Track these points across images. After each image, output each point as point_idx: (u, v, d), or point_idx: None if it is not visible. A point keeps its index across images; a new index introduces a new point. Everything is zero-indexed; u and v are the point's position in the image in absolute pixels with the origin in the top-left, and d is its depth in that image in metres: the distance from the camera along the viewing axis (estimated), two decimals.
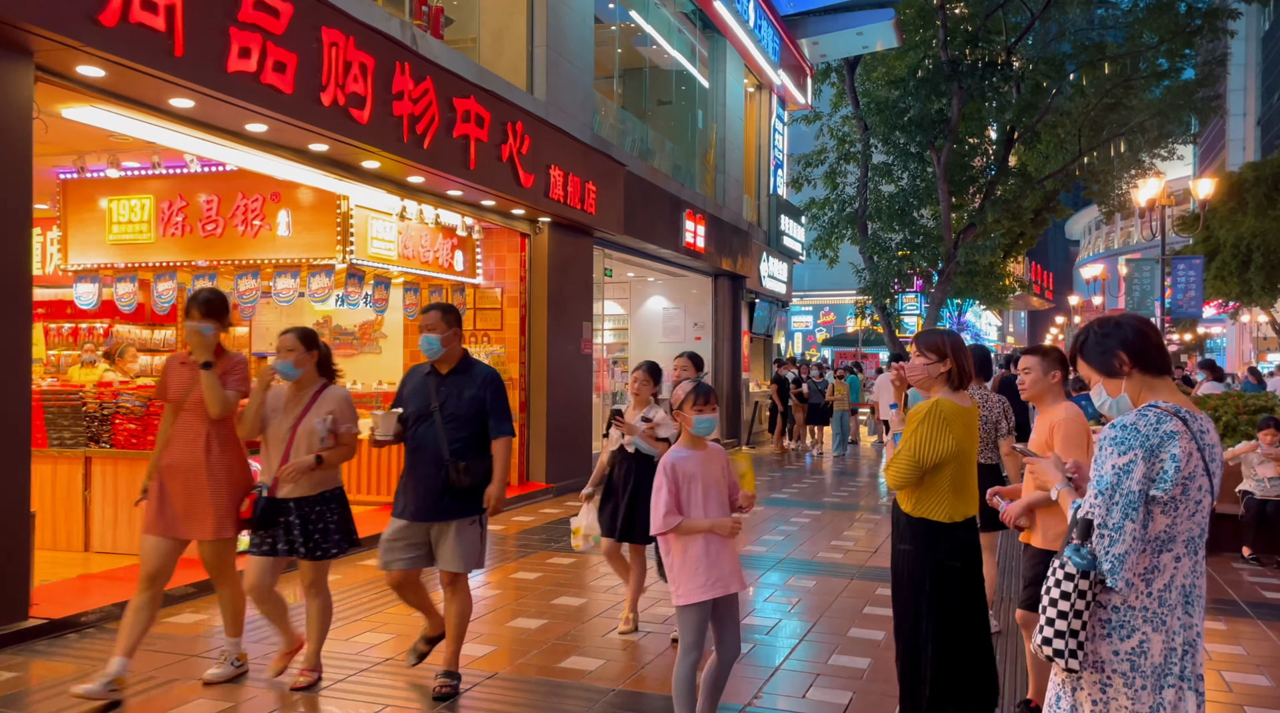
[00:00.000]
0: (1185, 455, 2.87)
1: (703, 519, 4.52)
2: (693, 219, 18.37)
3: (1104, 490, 2.89)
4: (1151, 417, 2.92)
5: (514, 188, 11.67)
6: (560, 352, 13.91)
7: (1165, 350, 3.14)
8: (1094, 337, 3.16)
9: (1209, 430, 3.03)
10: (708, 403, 4.65)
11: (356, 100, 8.70)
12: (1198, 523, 2.98)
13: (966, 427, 4.46)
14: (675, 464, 4.56)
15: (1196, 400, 11.66)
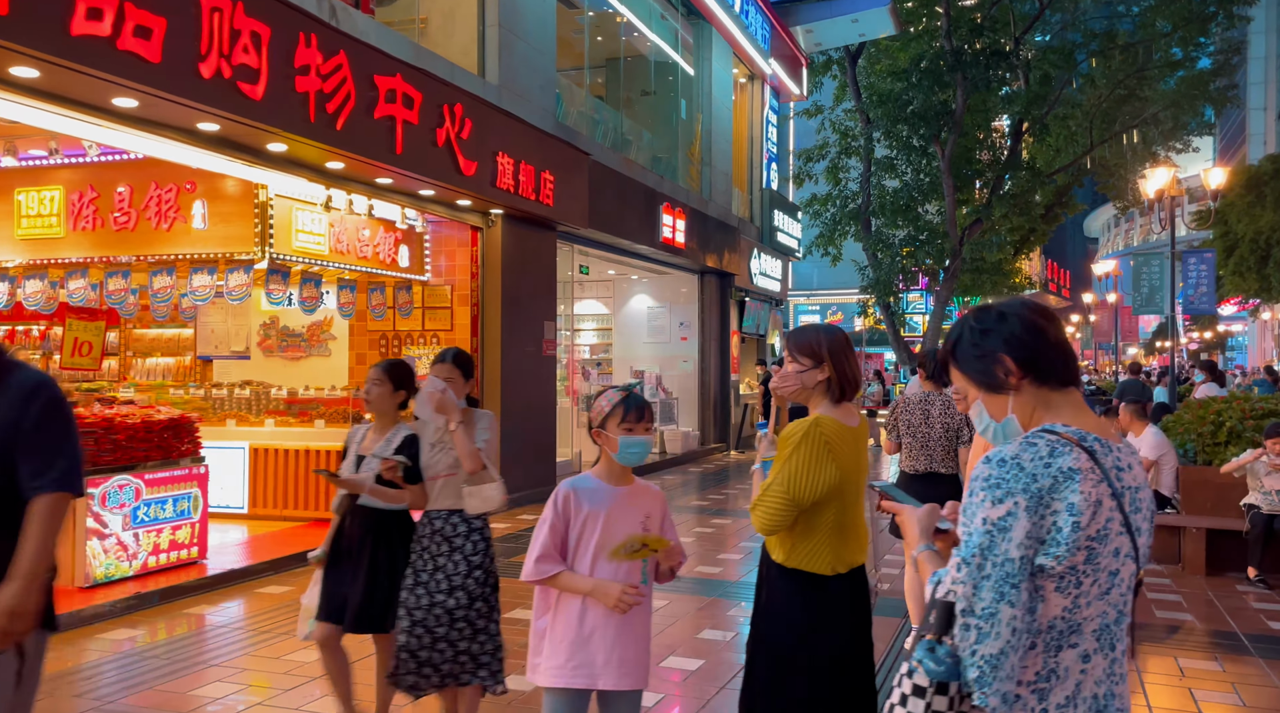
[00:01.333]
0: (1090, 504, 1.94)
1: (585, 578, 3.42)
2: (671, 213, 17.40)
3: (970, 558, 1.95)
4: (1041, 447, 1.99)
5: (453, 176, 10.75)
6: (517, 353, 12.97)
7: (1069, 351, 2.19)
8: (969, 335, 2.22)
9: (1130, 467, 2.08)
10: (640, 420, 3.48)
11: (247, 74, 7.78)
12: (1115, 604, 2.03)
13: (855, 452, 3.42)
14: (573, 494, 3.48)
15: (1199, 404, 10.64)
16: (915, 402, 6.92)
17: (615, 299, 21.46)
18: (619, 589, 3.35)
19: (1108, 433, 2.10)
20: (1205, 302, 19.65)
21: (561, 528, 3.45)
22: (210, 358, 14.23)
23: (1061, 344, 2.16)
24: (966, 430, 6.79)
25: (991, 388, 2.17)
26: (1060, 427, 2.05)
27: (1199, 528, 9.19)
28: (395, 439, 4.80)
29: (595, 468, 3.61)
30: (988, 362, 2.16)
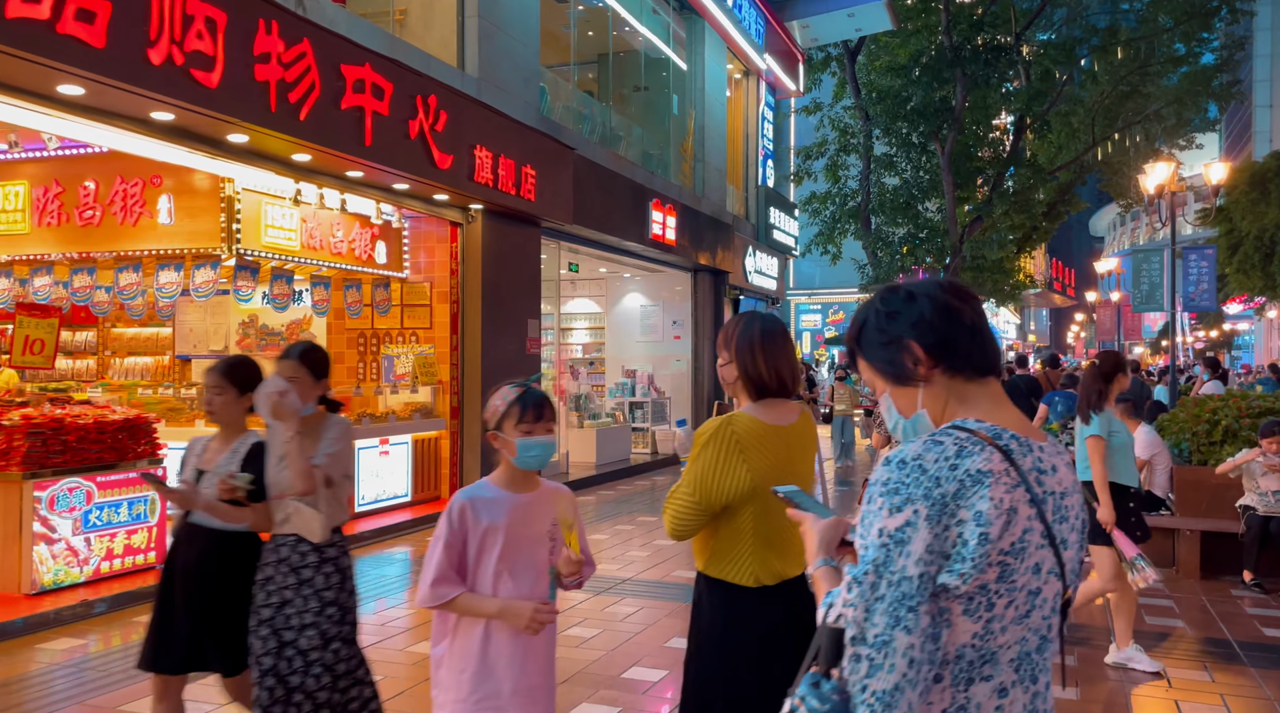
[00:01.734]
0: (1002, 513, 1.65)
1: (489, 599, 3.05)
2: (660, 209, 17.11)
3: (862, 577, 1.66)
4: (948, 446, 1.70)
5: (427, 169, 10.47)
6: (499, 351, 12.69)
7: (986, 336, 1.89)
8: (874, 318, 1.93)
9: (1054, 469, 1.79)
10: (539, 419, 3.13)
11: (201, 61, 7.51)
12: (1036, 629, 1.75)
13: (780, 452, 3.07)
14: (469, 506, 3.09)
15: (1195, 402, 10.33)
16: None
17: (607, 297, 21.18)
18: (531, 608, 3.01)
19: (1030, 429, 1.82)
20: (1206, 299, 19.32)
21: (458, 545, 3.07)
22: (189, 357, 13.97)
23: (978, 328, 1.87)
24: None
25: (899, 379, 1.88)
26: (973, 423, 1.77)
27: (1193, 530, 8.88)
28: (241, 450, 4.13)
29: (494, 474, 3.23)
30: (894, 349, 1.87)
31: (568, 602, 7.83)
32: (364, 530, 10.34)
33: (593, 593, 8.09)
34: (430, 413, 12.05)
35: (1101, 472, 6.18)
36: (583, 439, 16.34)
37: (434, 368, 12.02)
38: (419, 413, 11.81)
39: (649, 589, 8.35)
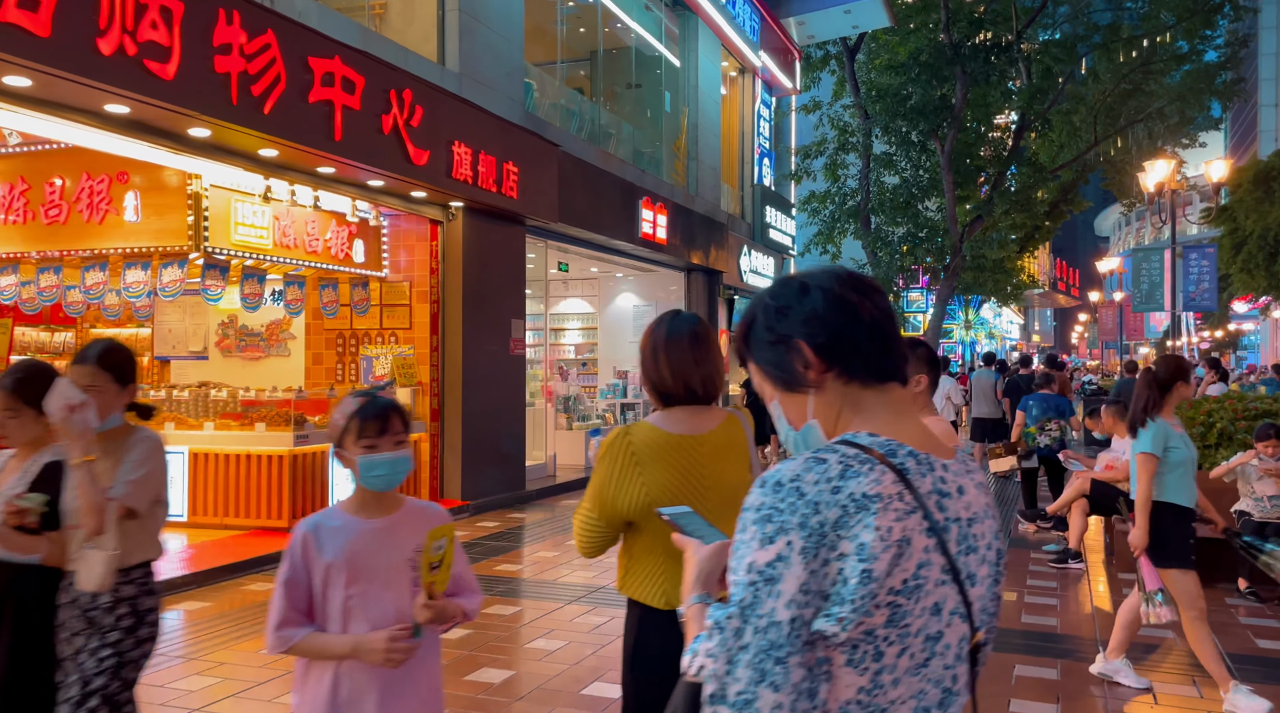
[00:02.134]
0: (890, 544, 1.40)
1: (340, 638, 2.68)
2: (651, 208, 16.85)
3: (724, 622, 1.40)
4: (832, 465, 1.44)
5: (402, 165, 10.21)
6: (481, 352, 12.43)
7: (889, 335, 1.62)
8: (763, 315, 1.66)
9: (961, 491, 1.54)
10: (384, 432, 2.71)
11: (156, 51, 7.26)
12: (937, 679, 1.48)
13: (681, 465, 2.76)
14: (312, 536, 2.73)
15: (1190, 404, 10.05)
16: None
17: (600, 297, 20.91)
18: (384, 639, 2.64)
19: (934, 444, 1.56)
20: (1207, 299, 19.02)
21: (303, 581, 2.71)
22: (168, 359, 13.75)
23: (880, 326, 1.60)
24: None
25: (787, 385, 1.62)
26: (865, 437, 1.51)
27: None
28: (32, 470, 3.40)
29: (346, 499, 2.86)
30: (782, 350, 1.61)
31: (537, 611, 7.58)
32: None
33: (563, 602, 7.84)
34: (410, 415, 11.78)
35: (1144, 491, 5.60)
36: (571, 441, 16.08)
37: (413, 369, 11.77)
38: None
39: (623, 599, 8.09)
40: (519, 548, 10.05)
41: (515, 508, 12.67)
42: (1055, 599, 8.10)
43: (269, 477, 10.00)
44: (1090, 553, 9.96)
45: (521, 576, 8.82)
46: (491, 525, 11.24)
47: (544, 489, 13.90)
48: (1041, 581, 8.79)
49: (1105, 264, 34.73)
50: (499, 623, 7.25)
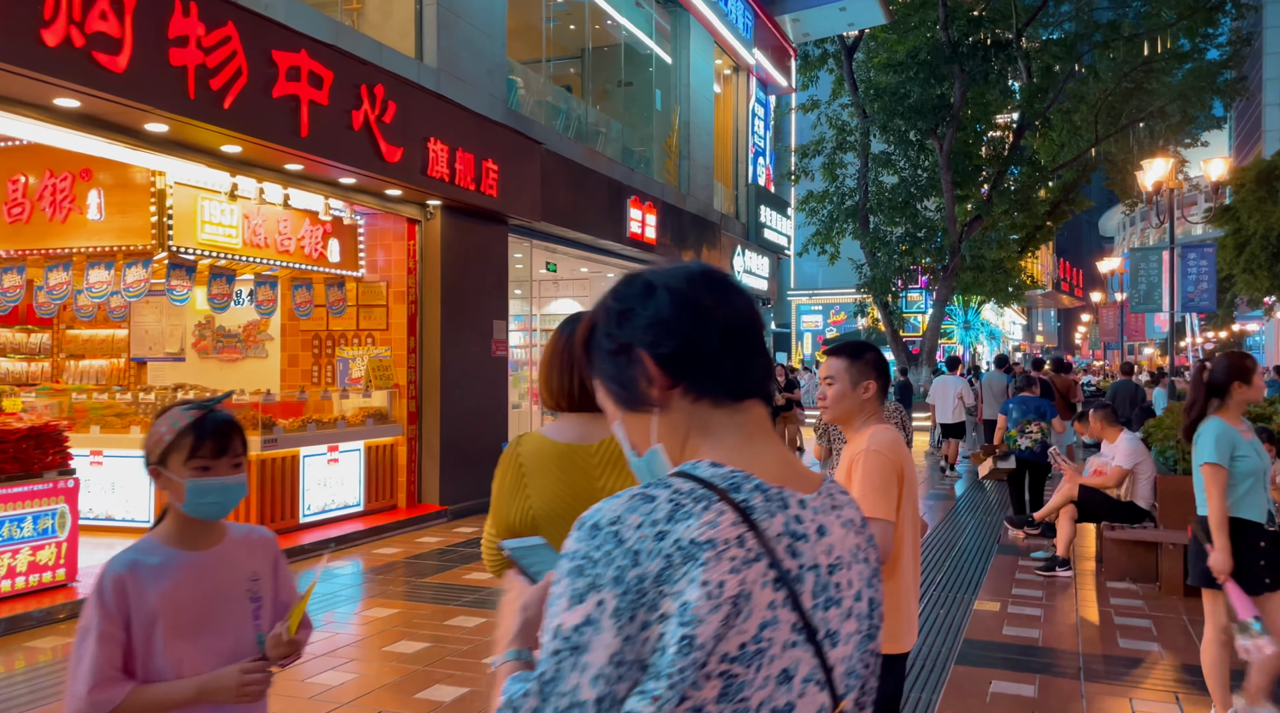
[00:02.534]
0: (722, 602, 1.15)
1: (180, 684, 2.31)
2: (640, 207, 16.60)
3: (520, 700, 1.17)
4: (660, 504, 1.19)
5: (374, 162, 9.97)
6: (460, 354, 12.19)
7: (750, 344, 1.37)
8: (604, 320, 1.39)
9: (822, 531, 1.30)
10: (223, 453, 2.39)
11: (106, 43, 7.01)
12: None
13: (569, 477, 2.51)
14: (128, 579, 2.31)
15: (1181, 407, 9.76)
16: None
17: (591, 298, 20.64)
18: (236, 673, 2.33)
19: (793, 475, 1.31)
20: (1206, 299, 18.66)
21: (119, 634, 2.29)
22: (144, 360, 13.51)
23: (737, 334, 1.34)
24: (901, 435, 6.02)
25: (629, 402, 1.36)
26: (704, 468, 1.26)
27: (1176, 544, 8.33)
28: None
29: (160, 528, 2.45)
30: (624, 361, 1.35)
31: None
32: (311, 542, 9.84)
33: None
34: (386, 418, 11.55)
35: (1219, 508, 5.00)
36: None
37: (390, 371, 11.52)
38: (372, 418, 11.30)
39: None
40: None
41: None
42: (1039, 609, 7.83)
43: None
44: (1081, 560, 9.69)
45: (492, 585, 8.56)
46: (468, 531, 10.99)
47: None
48: (1027, 589, 8.52)
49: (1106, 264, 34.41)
50: (461, 636, 7.00)
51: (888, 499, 3.20)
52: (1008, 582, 8.83)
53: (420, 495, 11.85)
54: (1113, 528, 8.91)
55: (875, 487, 3.21)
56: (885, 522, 3.18)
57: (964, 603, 8.01)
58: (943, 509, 13.12)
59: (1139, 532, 8.74)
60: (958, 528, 11.61)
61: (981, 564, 9.59)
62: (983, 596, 8.30)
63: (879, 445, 3.28)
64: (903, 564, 3.34)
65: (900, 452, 3.32)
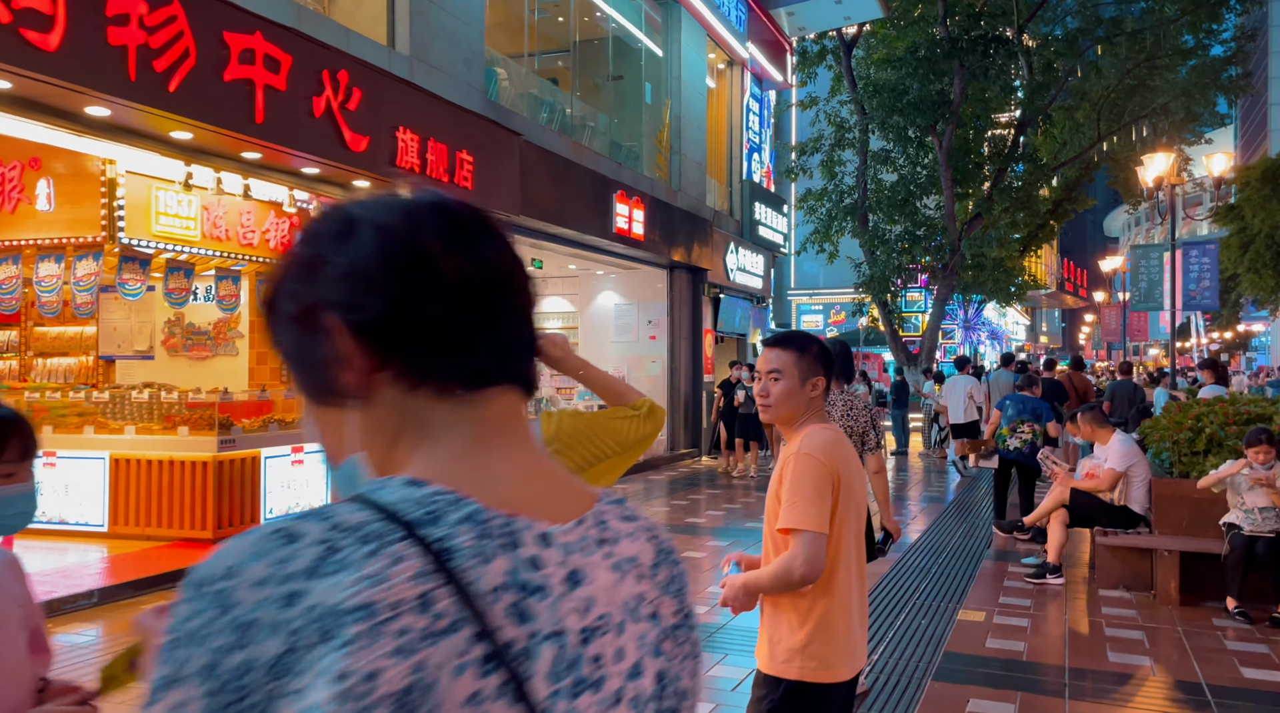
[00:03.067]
0: (372, 703, 0.72)
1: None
2: (626, 202, 16.19)
3: None
4: (310, 542, 0.79)
5: (337, 151, 9.57)
6: None
7: (499, 307, 0.96)
8: (288, 272, 0.96)
9: (578, 579, 0.89)
10: (25, 456, 2.08)
11: (36, 20, 6.63)
12: None
13: None
14: None
15: (1178, 407, 9.35)
16: None
17: (581, 296, 20.29)
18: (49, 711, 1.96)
19: (554, 493, 0.92)
20: (1208, 297, 18.30)
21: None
22: (113, 358, 13.10)
23: (477, 293, 0.94)
24: (872, 434, 5.65)
25: (317, 392, 0.96)
26: (395, 488, 0.87)
27: (1171, 550, 7.92)
28: None
29: None
30: (308, 333, 0.94)
31: None
32: None
33: None
34: None
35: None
36: None
37: None
38: None
39: None
40: None
41: None
42: (1026, 620, 7.42)
43: (192, 485, 9.34)
44: (1077, 568, 9.28)
45: None
46: None
47: None
48: (1015, 598, 8.11)
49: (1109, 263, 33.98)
50: None
51: (819, 509, 2.80)
52: (995, 590, 8.42)
53: None
54: (1105, 533, 8.51)
55: (804, 495, 2.81)
56: (815, 534, 2.78)
57: (947, 613, 7.61)
58: (933, 512, 12.71)
59: (1133, 538, 8.33)
60: (947, 532, 11.20)
61: (969, 571, 9.18)
62: (968, 604, 7.89)
63: (812, 448, 2.88)
64: (839, 582, 2.93)
65: (838, 454, 2.92)
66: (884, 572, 9.04)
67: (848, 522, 2.93)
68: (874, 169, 28.06)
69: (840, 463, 2.89)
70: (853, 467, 2.97)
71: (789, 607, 2.93)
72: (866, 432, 5.62)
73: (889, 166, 28.18)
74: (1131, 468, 8.51)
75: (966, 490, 14.94)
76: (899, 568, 9.24)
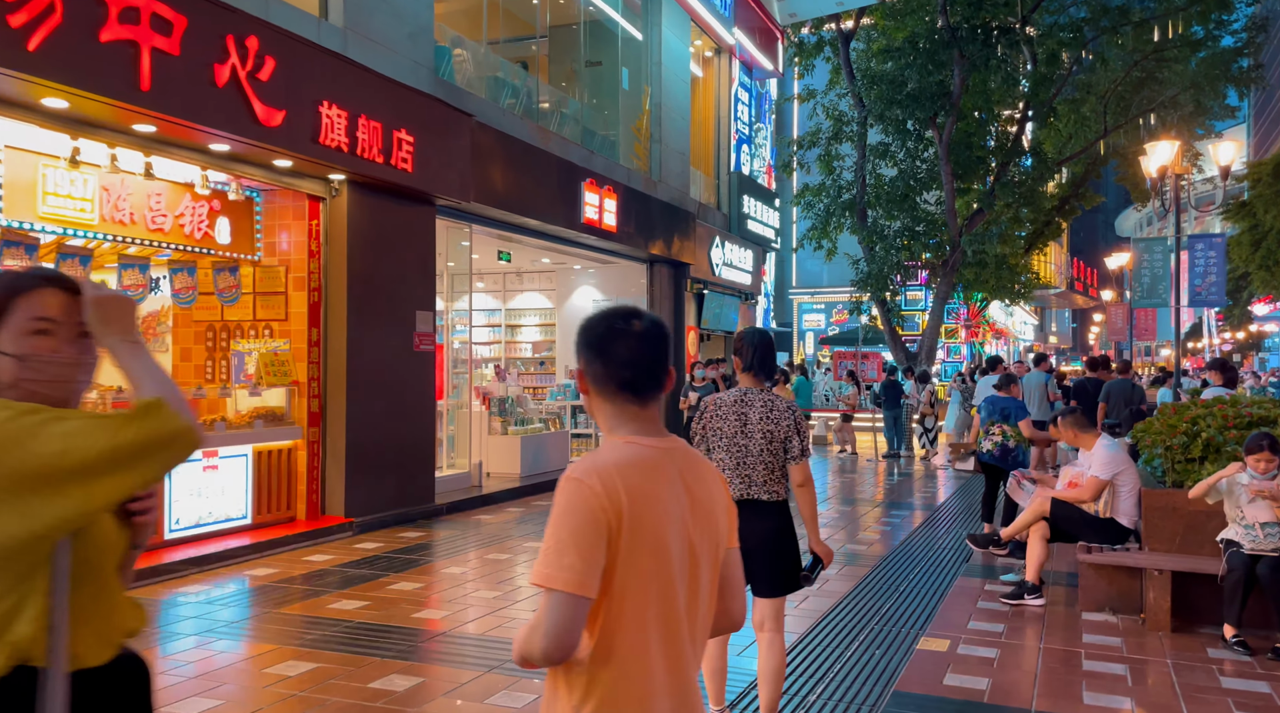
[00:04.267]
0: None
1: None
2: (596, 191, 15.30)
3: None
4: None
5: (247, 126, 8.71)
6: (372, 348, 10.93)
7: None
8: None
9: None
10: None
11: None
12: None
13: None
14: None
15: (1173, 409, 8.41)
16: (729, 404, 4.87)
17: (558, 292, 19.41)
18: None
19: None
20: (1214, 293, 17.29)
21: None
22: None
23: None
24: (796, 441, 4.76)
25: None
26: None
27: (1163, 570, 6.99)
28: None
29: None
30: None
31: (335, 670, 6.05)
32: (176, 560, 8.59)
33: (384, 654, 6.30)
34: (282, 419, 10.29)
35: None
36: (506, 448, 14.56)
37: (288, 366, 10.27)
38: (263, 420, 10.04)
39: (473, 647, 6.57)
40: (384, 577, 8.53)
41: (416, 525, 11.16)
42: (995, 650, 6.51)
43: None
44: (1058, 587, 8.37)
45: (355, 618, 7.29)
46: (369, 548, 9.73)
47: (464, 502, 12.39)
48: (987, 623, 7.20)
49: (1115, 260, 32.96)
50: (278, 690, 5.72)
51: (577, 559, 1.90)
52: (966, 611, 7.52)
53: (324, 506, 10.60)
54: (1090, 549, 7.59)
55: (559, 539, 1.92)
56: (565, 596, 1.90)
57: (907, 640, 6.70)
58: (914, 520, 11.80)
59: (1120, 555, 7.41)
60: (924, 542, 10.29)
61: (942, 588, 8.28)
62: (933, 629, 6.99)
63: (585, 471, 1.99)
64: (627, 654, 2.02)
65: (631, 481, 2.01)
66: (847, 590, 8.15)
67: (645, 577, 2.02)
68: (873, 163, 27.20)
69: (631, 493, 1.99)
70: (661, 498, 2.05)
71: (563, 682, 2.05)
72: (789, 438, 4.74)
73: (888, 161, 27.32)
74: (1118, 476, 7.59)
75: (954, 497, 14.02)
76: (864, 585, 8.33)
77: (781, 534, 4.76)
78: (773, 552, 4.75)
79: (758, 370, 4.89)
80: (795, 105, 38.22)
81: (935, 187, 26.92)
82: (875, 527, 11.45)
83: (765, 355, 4.86)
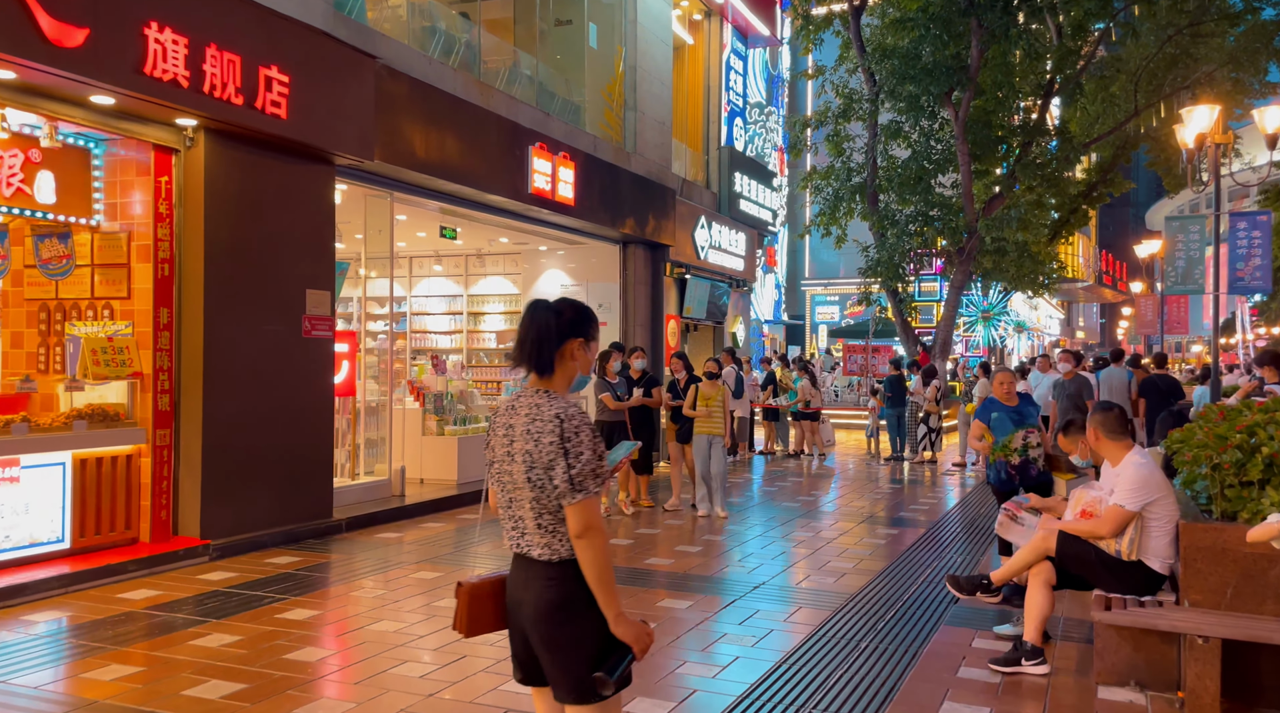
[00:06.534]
0: None
1: None
2: (548, 158, 13.34)
3: None
4: None
5: (31, 46, 6.82)
6: (240, 333, 9.04)
7: None
8: None
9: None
10: None
11: None
12: None
13: None
14: None
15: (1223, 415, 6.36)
16: (500, 414, 3.09)
17: (524, 276, 17.51)
18: None
19: None
20: (1259, 278, 15.16)
21: None
22: None
23: None
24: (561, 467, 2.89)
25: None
26: None
27: (1209, 636, 5.00)
28: None
29: None
30: None
31: None
32: None
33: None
34: (118, 419, 8.41)
35: None
36: (441, 450, 12.68)
37: (127, 355, 8.37)
38: (87, 420, 8.15)
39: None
40: (199, 625, 6.65)
41: (300, 546, 9.28)
42: None
43: None
44: (1064, 645, 6.39)
45: (110, 696, 5.40)
46: (215, 579, 7.86)
47: (372, 516, 10.52)
48: (967, 702, 5.23)
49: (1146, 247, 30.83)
50: None
51: None
52: (942, 684, 5.55)
53: (176, 526, 8.72)
54: (1109, 603, 5.59)
55: None
56: None
57: None
58: (901, 542, 9.81)
59: (1150, 614, 5.39)
60: (907, 575, 8.31)
61: (916, 644, 6.31)
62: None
63: None
64: None
65: None
66: (793, 647, 6.20)
67: None
68: (885, 144, 25.26)
69: None
70: None
71: None
72: (552, 463, 2.84)
73: (901, 141, 25.35)
74: (1149, 506, 5.58)
75: (954, 512, 12.02)
76: (814, 641, 6.37)
77: (561, 611, 2.88)
78: (547, 639, 2.89)
79: (530, 364, 3.02)
80: (809, 85, 36.29)
81: (951, 169, 25.00)
82: (853, 552, 9.48)
83: (540, 340, 3.00)
